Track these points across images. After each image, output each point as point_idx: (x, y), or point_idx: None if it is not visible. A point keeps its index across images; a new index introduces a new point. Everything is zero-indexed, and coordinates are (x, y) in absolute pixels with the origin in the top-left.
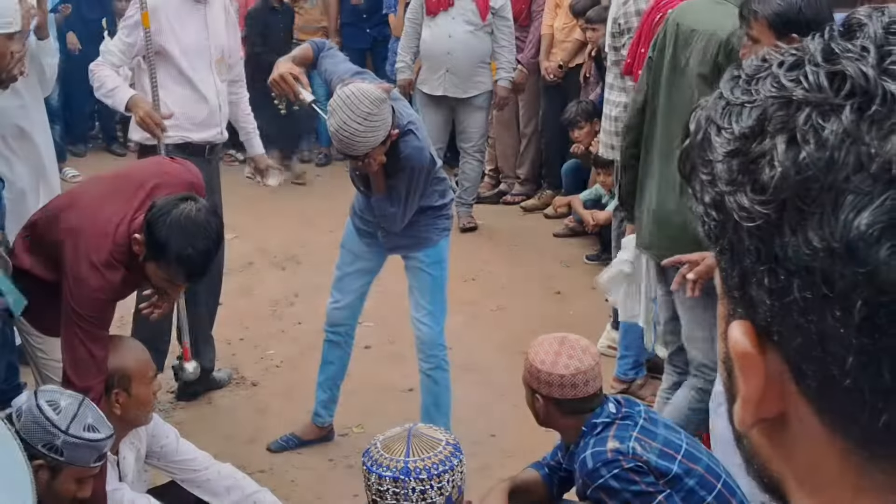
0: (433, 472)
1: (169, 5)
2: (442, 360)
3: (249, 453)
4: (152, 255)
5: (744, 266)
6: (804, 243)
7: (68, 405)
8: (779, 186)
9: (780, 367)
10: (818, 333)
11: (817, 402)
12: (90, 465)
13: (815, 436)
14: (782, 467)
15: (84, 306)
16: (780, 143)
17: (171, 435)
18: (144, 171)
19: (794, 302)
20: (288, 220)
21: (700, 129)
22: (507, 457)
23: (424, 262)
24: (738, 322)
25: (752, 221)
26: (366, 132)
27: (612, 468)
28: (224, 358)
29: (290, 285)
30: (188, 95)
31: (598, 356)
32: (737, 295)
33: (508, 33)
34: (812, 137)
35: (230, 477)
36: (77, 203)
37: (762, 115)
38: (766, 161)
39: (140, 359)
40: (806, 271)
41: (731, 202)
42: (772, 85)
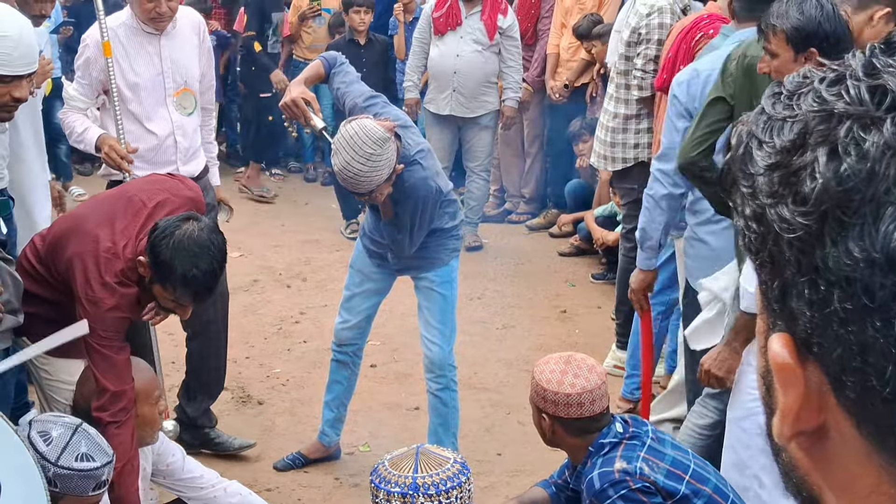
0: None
1: (116, 39)
2: (451, 381)
3: (255, 472)
4: (158, 278)
5: (784, 278)
6: (845, 254)
7: (60, 435)
8: (820, 198)
9: (819, 379)
10: (858, 344)
11: (856, 414)
12: (88, 493)
13: (854, 448)
14: (820, 481)
15: (102, 324)
16: (822, 156)
17: (177, 453)
18: (145, 189)
19: (835, 313)
20: (293, 239)
21: (741, 143)
22: (513, 475)
23: (435, 282)
24: (777, 334)
25: (793, 233)
26: (370, 172)
27: (620, 489)
28: (230, 377)
29: (295, 303)
30: (133, 131)
31: (604, 375)
32: (777, 308)
33: (516, 53)
34: (853, 149)
35: (237, 494)
36: (81, 225)
37: (803, 128)
38: (807, 173)
39: (145, 378)
40: (846, 282)
41: (772, 214)
42: (813, 100)
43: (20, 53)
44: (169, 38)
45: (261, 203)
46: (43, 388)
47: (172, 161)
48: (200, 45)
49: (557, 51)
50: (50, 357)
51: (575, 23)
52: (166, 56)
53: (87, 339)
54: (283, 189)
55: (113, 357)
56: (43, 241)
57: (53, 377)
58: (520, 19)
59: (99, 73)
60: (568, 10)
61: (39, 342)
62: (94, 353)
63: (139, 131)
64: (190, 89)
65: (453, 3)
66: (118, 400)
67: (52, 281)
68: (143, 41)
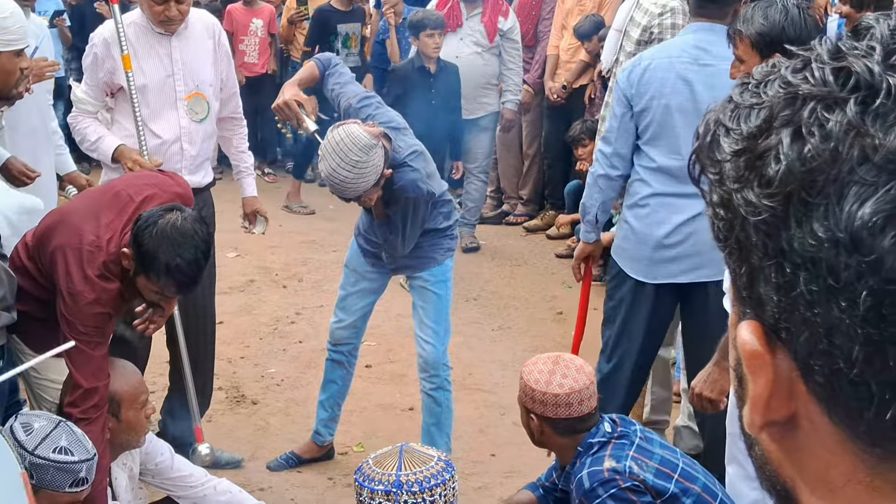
0: (425, 486)
1: (125, 37)
2: (445, 381)
3: (249, 471)
4: (141, 268)
5: (751, 264)
6: (809, 235)
7: (42, 427)
8: (784, 179)
9: (788, 366)
10: (824, 326)
11: (826, 399)
12: (64, 489)
13: (826, 437)
14: (793, 473)
15: (81, 319)
16: (786, 137)
17: (166, 452)
18: (134, 184)
19: (801, 295)
20: (290, 239)
21: (709, 131)
22: (507, 476)
23: (429, 282)
24: (746, 322)
25: (759, 216)
26: (356, 179)
27: (609, 488)
28: (225, 376)
29: (291, 304)
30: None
31: (592, 375)
32: (745, 295)
33: (516, 56)
34: (817, 130)
35: (227, 492)
36: (67, 219)
37: (769, 114)
38: (772, 156)
39: (131, 382)
40: (811, 263)
41: (738, 199)
42: (779, 85)
43: (20, 26)
44: (181, 39)
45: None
46: (31, 386)
47: (178, 169)
48: (217, 49)
49: (557, 52)
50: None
51: (576, 23)
52: (177, 58)
53: (65, 333)
54: (280, 189)
55: (89, 353)
56: (33, 237)
57: (42, 376)
58: (520, 21)
59: (105, 74)
60: (569, 12)
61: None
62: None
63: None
64: (202, 94)
65: (454, 4)
66: (90, 397)
67: (41, 278)
68: (154, 41)
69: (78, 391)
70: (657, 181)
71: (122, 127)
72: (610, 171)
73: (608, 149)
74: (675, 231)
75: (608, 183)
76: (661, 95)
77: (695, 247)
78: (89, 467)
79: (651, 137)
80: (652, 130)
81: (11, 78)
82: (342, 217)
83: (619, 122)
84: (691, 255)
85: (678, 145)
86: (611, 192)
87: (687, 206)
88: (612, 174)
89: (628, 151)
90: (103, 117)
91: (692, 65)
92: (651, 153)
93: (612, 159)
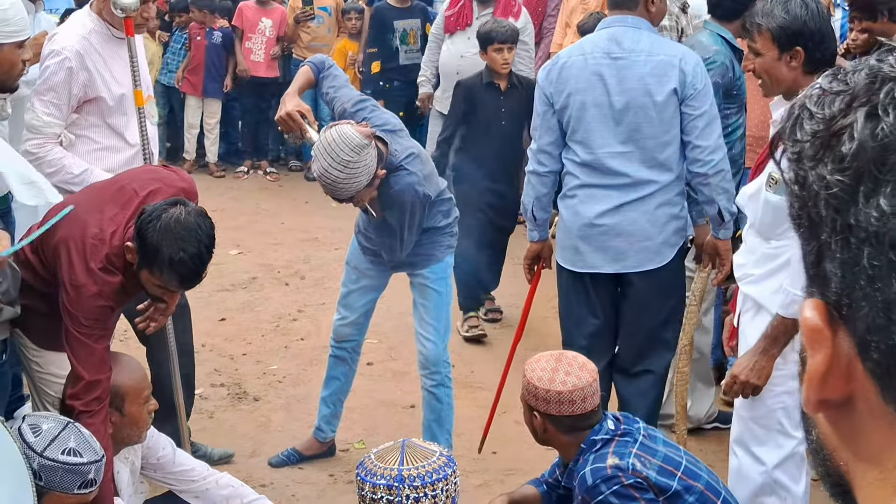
0: (427, 480)
1: (93, 50)
2: (445, 377)
3: (250, 468)
4: (145, 262)
5: (820, 240)
6: (876, 209)
7: (50, 428)
8: (857, 155)
9: (849, 345)
10: (884, 301)
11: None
12: (73, 491)
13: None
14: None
15: (83, 311)
16: (861, 117)
17: (167, 446)
18: (138, 178)
19: (863, 270)
20: (293, 237)
21: (793, 114)
22: (508, 474)
23: (430, 279)
24: (810, 300)
25: (829, 190)
26: (347, 179)
27: (612, 484)
28: (227, 373)
29: (293, 301)
30: (114, 146)
31: (595, 373)
32: (812, 272)
33: (526, 57)
34: (892, 109)
35: (228, 486)
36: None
37: (851, 98)
38: (846, 134)
39: (135, 377)
40: (875, 238)
41: (813, 175)
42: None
43: (21, 17)
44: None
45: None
46: (34, 380)
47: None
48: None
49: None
50: (41, 350)
51: (579, 21)
52: (136, 62)
53: (67, 325)
54: (283, 187)
55: (91, 345)
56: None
57: (44, 370)
58: None
59: (79, 89)
60: (573, 10)
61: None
62: (72, 340)
63: (120, 144)
64: (152, 96)
65: (466, 2)
66: (93, 389)
67: (44, 272)
68: (116, 47)
69: (80, 383)
70: (582, 173)
71: (92, 141)
72: (538, 167)
73: (534, 146)
74: (598, 219)
75: (538, 179)
76: (577, 92)
77: (618, 236)
78: (98, 468)
79: (572, 132)
80: (572, 126)
81: (14, 69)
82: (344, 215)
83: (541, 119)
84: (614, 246)
85: (594, 140)
86: (542, 187)
87: (608, 196)
88: (540, 170)
89: (553, 148)
90: (65, 136)
91: (604, 58)
92: (574, 147)
93: (538, 156)
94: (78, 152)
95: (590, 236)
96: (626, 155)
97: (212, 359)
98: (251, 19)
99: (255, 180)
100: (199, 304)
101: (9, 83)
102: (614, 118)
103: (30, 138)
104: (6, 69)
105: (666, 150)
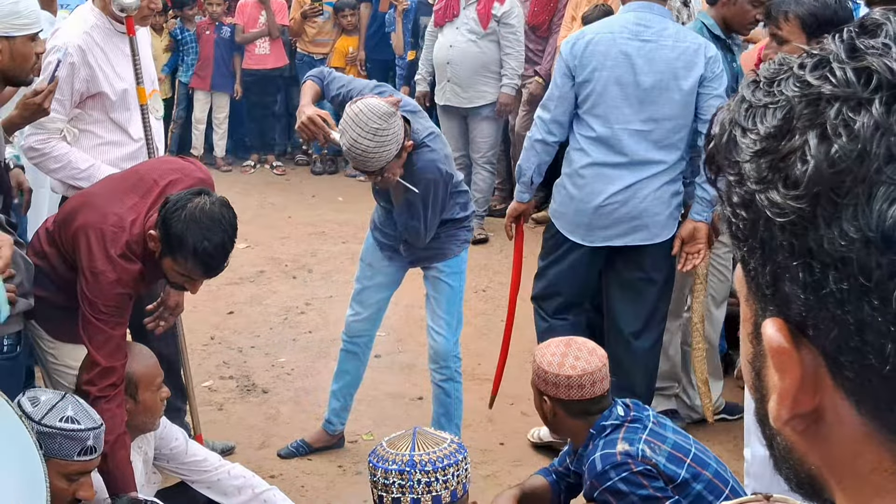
0: (438, 466)
1: (95, 46)
2: (455, 372)
3: (260, 459)
4: (169, 251)
5: (777, 262)
6: (840, 235)
7: (48, 399)
8: (812, 180)
9: (815, 361)
10: (856, 324)
11: (856, 393)
12: (73, 457)
13: (852, 427)
14: (819, 462)
15: (102, 298)
16: (812, 139)
17: (180, 437)
18: (157, 168)
19: (830, 294)
20: (300, 231)
21: (724, 131)
22: (515, 465)
23: (444, 273)
24: (770, 319)
25: (785, 216)
26: (378, 148)
27: (622, 471)
28: (235, 365)
29: (301, 294)
30: (119, 141)
31: (604, 358)
32: (769, 293)
33: (514, 41)
34: (843, 131)
35: (240, 476)
36: (91, 201)
37: (788, 113)
38: (797, 157)
39: (148, 364)
40: (841, 262)
41: (762, 200)
42: (795, 84)
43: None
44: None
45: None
46: (49, 371)
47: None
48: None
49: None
50: (56, 341)
51: (584, 12)
52: (139, 57)
53: (85, 312)
54: (290, 181)
55: (108, 332)
56: (54, 222)
57: (59, 361)
58: (538, 12)
59: (82, 84)
60: (577, 3)
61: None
62: (89, 326)
63: (124, 139)
64: (157, 90)
65: None
66: (108, 375)
67: (61, 264)
68: (118, 42)
69: (96, 369)
70: (595, 150)
71: (95, 136)
72: (547, 136)
73: (547, 115)
74: (610, 199)
75: (544, 148)
76: (603, 67)
77: (629, 213)
78: (97, 435)
79: (591, 107)
80: (592, 100)
81: (28, 62)
82: (351, 208)
83: (559, 90)
84: (625, 221)
85: (614, 115)
86: (546, 156)
87: (620, 177)
88: (549, 140)
89: (566, 119)
90: (69, 131)
91: (633, 40)
92: (591, 122)
93: (550, 125)
94: (81, 147)
95: (602, 214)
96: (642, 133)
97: (221, 351)
98: (251, 14)
99: (261, 174)
100: (207, 298)
101: (23, 76)
102: (638, 97)
103: (32, 133)
104: (19, 62)
105: (680, 133)
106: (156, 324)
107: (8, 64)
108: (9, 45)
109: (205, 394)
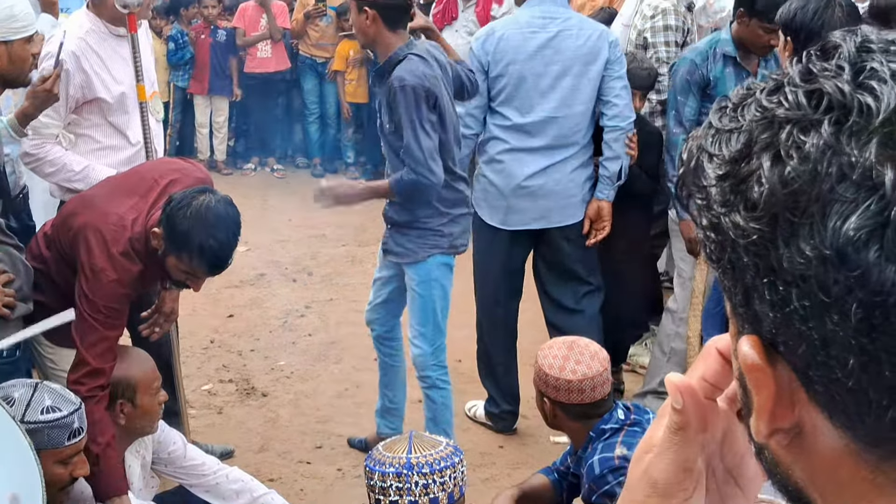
0: (435, 468)
1: (90, 51)
2: (437, 380)
3: (259, 462)
4: (173, 249)
5: (745, 282)
6: (797, 253)
7: (21, 395)
8: (768, 202)
9: (789, 376)
10: (820, 339)
11: (826, 406)
12: (64, 443)
13: (829, 440)
14: (804, 475)
15: (101, 296)
16: (766, 161)
17: (178, 441)
18: (157, 168)
19: (795, 311)
20: (300, 234)
21: (692, 157)
22: (514, 468)
23: (414, 280)
24: (745, 337)
25: (748, 238)
26: None
27: (619, 475)
28: (235, 369)
29: (301, 297)
30: (117, 145)
31: (606, 362)
32: (742, 311)
33: None
34: (795, 152)
35: (238, 480)
36: (91, 201)
37: (748, 138)
38: (754, 180)
39: (146, 369)
40: (802, 280)
41: (727, 222)
42: (755, 109)
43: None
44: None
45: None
46: (47, 376)
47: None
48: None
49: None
50: (55, 347)
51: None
52: (138, 59)
53: (82, 311)
54: (290, 184)
55: (102, 332)
56: (53, 224)
57: (58, 367)
58: None
59: (76, 90)
60: (581, 6)
61: (32, 326)
62: (83, 324)
63: (122, 143)
64: (157, 92)
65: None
66: (97, 377)
67: (59, 267)
68: (115, 45)
69: (85, 368)
70: (511, 137)
71: (93, 140)
72: (463, 129)
73: (461, 110)
74: (528, 181)
75: (462, 141)
76: (516, 62)
77: (544, 196)
78: (80, 416)
79: (506, 99)
80: (507, 93)
81: (25, 65)
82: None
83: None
84: (540, 204)
85: (531, 105)
86: (465, 149)
87: (535, 161)
88: (466, 133)
89: (480, 112)
90: (65, 136)
91: (540, 32)
92: (506, 112)
93: (464, 119)
94: (79, 151)
95: (520, 196)
96: (556, 120)
97: (220, 355)
98: (252, 18)
99: (262, 177)
100: (207, 301)
101: (21, 78)
102: (551, 85)
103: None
104: (18, 65)
105: (588, 117)
106: (150, 330)
107: (7, 68)
108: (6, 50)
109: (204, 397)
